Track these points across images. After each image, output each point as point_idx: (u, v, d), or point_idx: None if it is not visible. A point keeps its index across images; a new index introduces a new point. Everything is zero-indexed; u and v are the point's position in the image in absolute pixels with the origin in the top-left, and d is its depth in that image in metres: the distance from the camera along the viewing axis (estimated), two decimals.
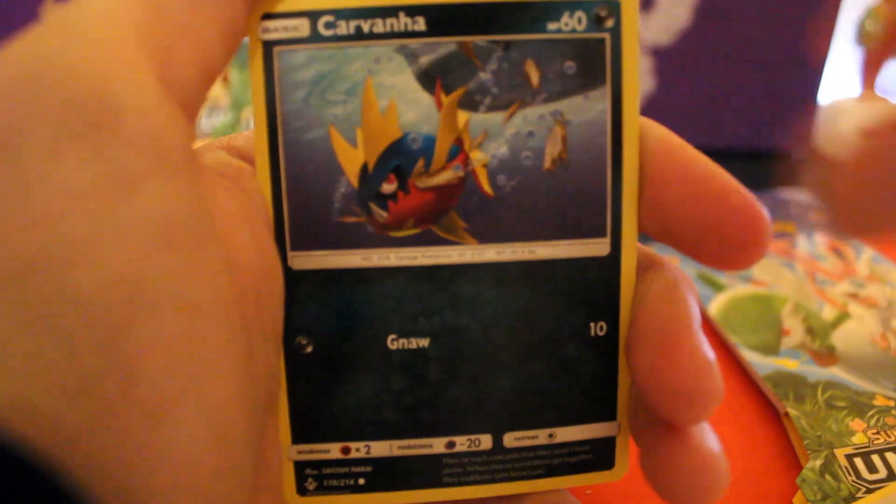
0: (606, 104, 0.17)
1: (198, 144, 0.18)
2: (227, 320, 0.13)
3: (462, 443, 0.18)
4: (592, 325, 0.18)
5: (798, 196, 0.45)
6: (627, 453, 0.18)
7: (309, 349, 0.17)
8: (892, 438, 0.25)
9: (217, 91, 0.47)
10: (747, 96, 0.51)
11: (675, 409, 0.16)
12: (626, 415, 0.18)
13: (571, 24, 0.16)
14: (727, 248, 0.16)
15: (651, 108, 0.49)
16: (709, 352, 0.16)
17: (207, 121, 0.47)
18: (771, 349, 0.31)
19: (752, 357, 0.30)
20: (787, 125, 0.54)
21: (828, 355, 0.30)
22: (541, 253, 0.17)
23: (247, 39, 0.16)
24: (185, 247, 0.13)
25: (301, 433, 0.17)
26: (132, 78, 0.12)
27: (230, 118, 0.48)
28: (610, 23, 0.16)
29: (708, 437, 0.16)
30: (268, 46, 0.16)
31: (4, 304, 0.11)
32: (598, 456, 0.18)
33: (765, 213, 0.16)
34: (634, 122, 0.17)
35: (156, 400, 0.12)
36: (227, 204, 0.15)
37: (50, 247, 0.11)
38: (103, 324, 0.11)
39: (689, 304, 0.16)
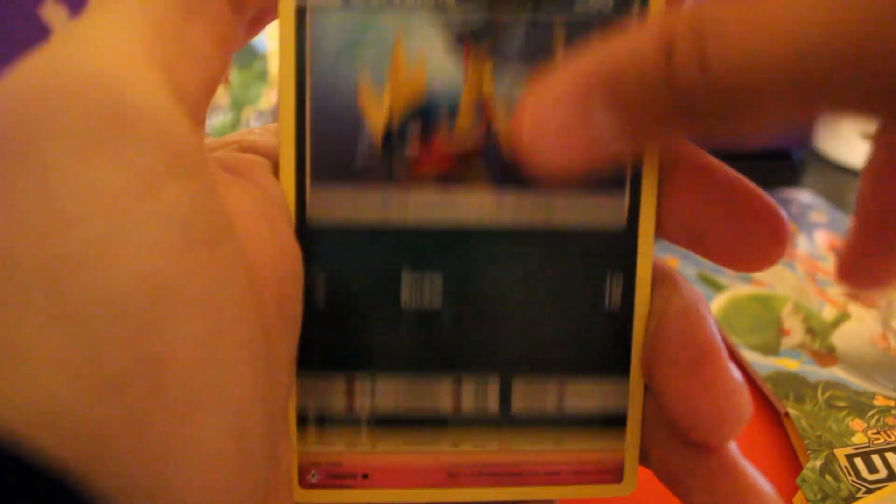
0: None
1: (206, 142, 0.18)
2: (247, 319, 0.13)
3: (469, 386, 0.18)
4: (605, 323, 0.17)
5: (798, 196, 0.45)
6: (637, 468, 0.18)
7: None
8: (892, 438, 0.25)
9: (217, 91, 0.47)
10: None
11: (708, 431, 0.16)
12: (637, 425, 0.18)
13: (599, 3, 0.16)
14: (750, 252, 0.16)
15: None
16: (737, 373, 0.16)
17: (207, 121, 0.47)
18: (771, 349, 0.31)
19: (752, 357, 0.30)
20: (788, 125, 0.54)
21: (828, 355, 0.30)
22: (559, 212, 0.17)
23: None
24: (205, 247, 0.13)
25: (305, 438, 0.17)
26: (146, 85, 0.13)
27: (230, 118, 0.48)
28: (637, 4, 0.16)
29: (745, 462, 0.17)
30: (300, 12, 0.16)
31: (30, 303, 0.11)
32: (607, 466, 0.18)
33: (785, 216, 0.17)
34: None
35: (183, 399, 0.12)
36: (243, 202, 0.15)
37: (76, 247, 0.11)
38: (131, 323, 0.11)
39: (712, 325, 0.17)
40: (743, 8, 0.12)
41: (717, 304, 0.34)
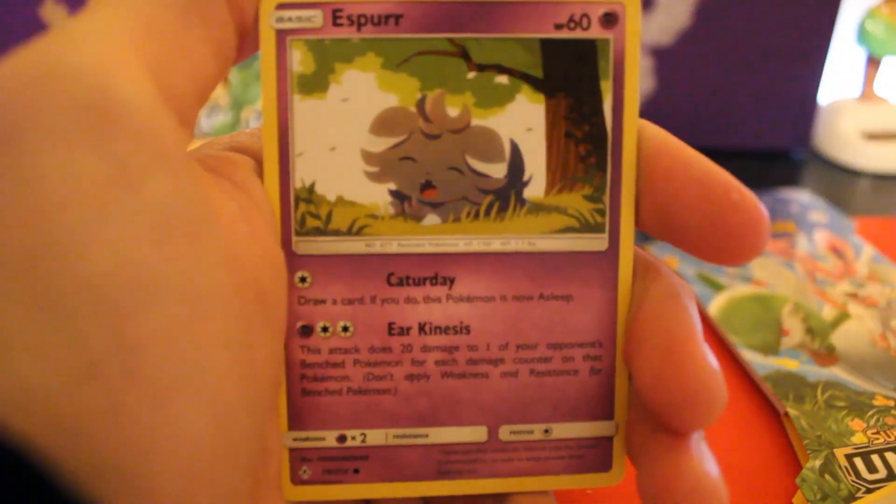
0: (608, 104, 0.17)
1: (198, 143, 0.18)
2: (226, 311, 0.14)
3: (457, 434, 0.18)
4: (590, 322, 0.18)
5: (798, 196, 0.45)
6: (625, 457, 0.18)
7: (310, 336, 0.17)
8: (892, 438, 0.25)
9: (217, 91, 0.47)
10: (747, 96, 0.51)
11: (680, 415, 0.16)
12: (624, 417, 0.18)
13: (576, 24, 0.17)
14: (727, 244, 0.16)
15: (651, 109, 0.49)
16: (713, 359, 0.16)
17: (207, 121, 0.47)
18: (771, 349, 0.31)
19: (751, 357, 0.30)
20: (788, 125, 0.54)
21: (827, 355, 0.30)
22: (541, 245, 0.17)
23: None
24: (186, 239, 0.13)
25: (297, 420, 0.18)
26: (132, 82, 0.13)
27: (230, 118, 0.48)
28: (614, 25, 0.17)
29: (709, 459, 0.16)
30: (281, 35, 0.16)
31: (11, 291, 0.11)
32: (595, 456, 0.18)
33: (763, 209, 0.16)
34: (634, 123, 0.17)
35: (160, 385, 0.12)
36: (224, 200, 0.15)
37: (57, 235, 0.12)
38: (109, 309, 0.12)
39: (692, 311, 0.17)
40: None
41: (716, 304, 0.34)
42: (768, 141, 0.53)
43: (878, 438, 0.25)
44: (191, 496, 0.13)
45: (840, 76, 0.60)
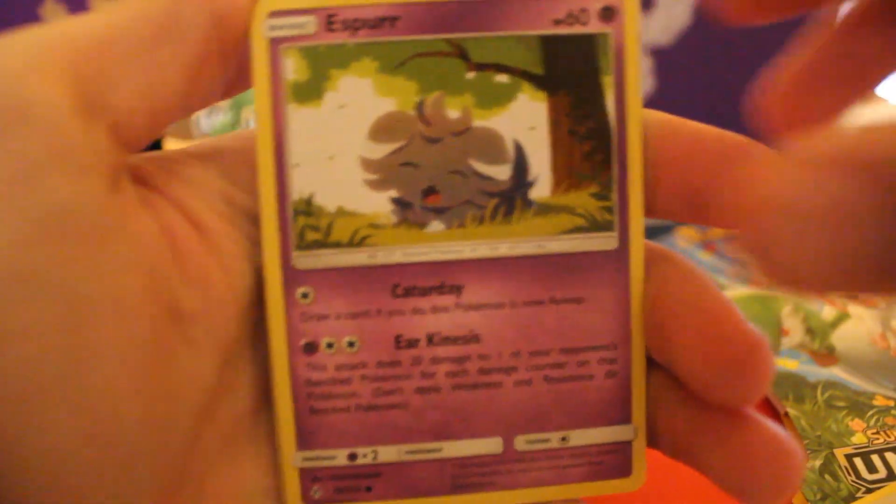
0: (610, 99, 0.17)
1: (196, 143, 0.18)
2: (130, 320, 0.13)
3: (472, 446, 0.17)
4: (603, 324, 0.17)
5: None
6: (645, 461, 0.18)
7: (315, 353, 0.17)
8: (892, 438, 0.25)
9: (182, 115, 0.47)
10: (747, 96, 0.51)
11: (730, 389, 0.15)
12: (642, 420, 0.18)
13: (575, 19, 0.16)
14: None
15: (650, 109, 0.49)
16: (757, 330, 0.15)
17: (207, 121, 0.47)
18: (771, 349, 0.31)
19: None
20: None
21: (827, 355, 0.30)
22: (549, 247, 0.17)
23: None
24: (81, 242, 0.13)
25: (306, 439, 0.17)
26: (47, 89, 0.13)
27: (230, 118, 0.48)
28: (613, 18, 0.16)
29: (773, 424, 0.16)
30: (274, 44, 0.16)
31: None
32: (615, 462, 0.18)
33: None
34: (638, 117, 0.17)
35: (26, 388, 0.12)
36: (143, 212, 0.15)
37: None
38: None
39: (717, 288, 0.16)
40: None
41: None
42: (768, 141, 0.53)
43: (878, 438, 0.25)
44: None
45: None
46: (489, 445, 0.17)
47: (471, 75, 0.16)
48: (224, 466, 0.16)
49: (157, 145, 0.55)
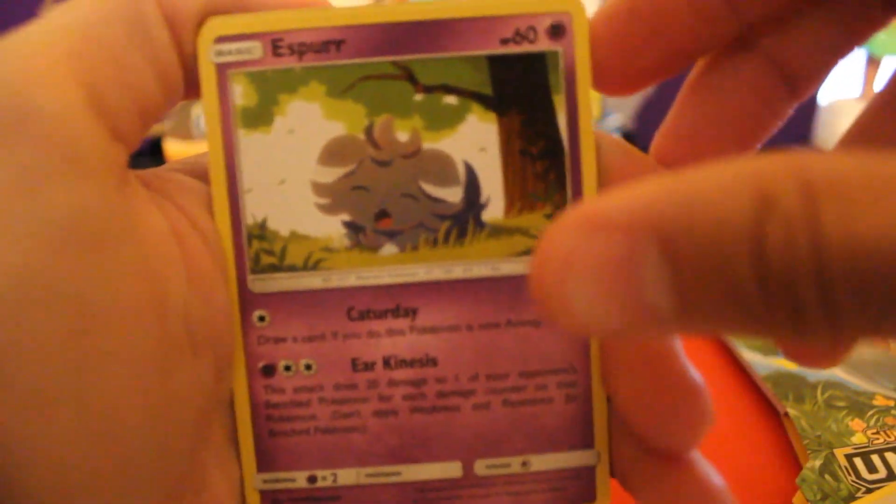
0: (562, 118, 0.17)
1: (198, 144, 0.18)
2: (135, 328, 0.14)
3: (431, 470, 0.17)
4: (561, 347, 0.17)
5: None
6: (609, 486, 0.18)
7: (273, 376, 0.17)
8: (892, 438, 0.25)
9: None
10: None
11: (668, 435, 0.15)
12: (605, 444, 0.17)
13: (523, 38, 0.16)
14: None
15: (651, 110, 0.49)
16: (696, 375, 0.15)
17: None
18: (771, 349, 0.31)
19: (752, 357, 0.30)
20: (788, 125, 0.54)
21: None
22: (504, 269, 0.17)
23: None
24: (91, 249, 0.13)
25: (266, 461, 0.17)
26: (56, 92, 0.13)
27: None
28: (563, 36, 0.16)
29: (710, 471, 0.16)
30: (221, 69, 0.16)
31: None
32: (578, 488, 0.18)
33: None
34: (590, 135, 0.17)
35: (38, 396, 0.12)
36: (154, 217, 0.15)
37: None
38: None
39: None
40: (873, 166, 0.09)
41: None
42: (768, 141, 0.53)
43: (878, 438, 0.25)
44: None
45: (840, 76, 0.60)
46: (448, 470, 0.17)
47: (419, 97, 0.16)
48: (218, 473, 0.17)
49: (156, 144, 0.55)
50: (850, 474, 0.24)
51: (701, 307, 0.10)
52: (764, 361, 0.30)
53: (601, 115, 0.56)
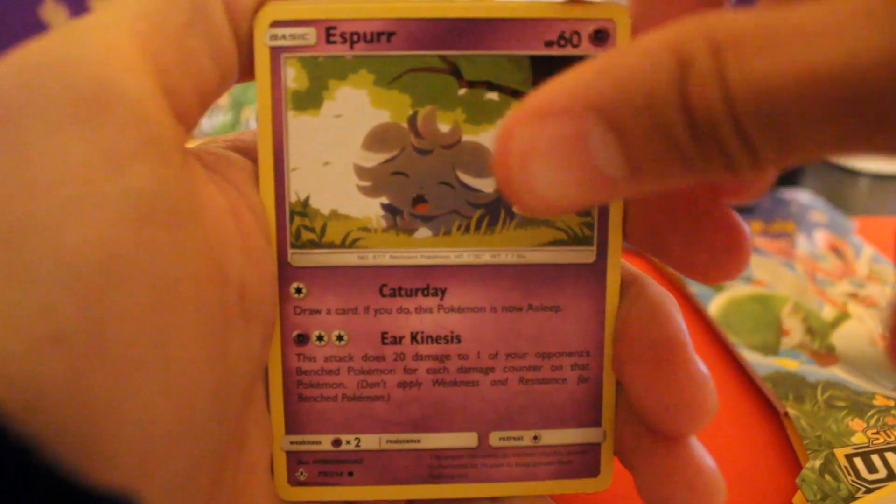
0: None
1: (198, 142, 0.18)
2: (201, 299, 0.14)
3: (449, 440, 0.18)
4: (578, 332, 0.18)
5: (798, 196, 0.45)
6: (612, 463, 0.19)
7: (306, 344, 0.18)
8: (892, 438, 0.25)
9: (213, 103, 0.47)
10: None
11: (673, 422, 0.16)
12: (611, 424, 0.19)
13: (566, 41, 0.17)
14: (710, 263, 0.17)
15: None
16: (703, 367, 0.17)
17: (207, 121, 0.47)
18: (771, 349, 0.31)
19: (752, 357, 0.30)
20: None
21: (827, 355, 0.30)
22: (530, 258, 0.18)
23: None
24: (165, 227, 0.14)
25: (294, 424, 0.18)
26: (129, 74, 0.14)
27: (230, 118, 0.48)
28: (605, 42, 0.17)
29: (704, 454, 0.17)
30: (275, 52, 0.17)
31: None
32: (583, 462, 0.19)
33: (745, 227, 0.17)
34: None
35: (123, 362, 0.13)
36: (214, 195, 0.16)
37: (39, 212, 0.12)
38: (80, 286, 0.12)
39: (679, 321, 0.17)
40: (768, 18, 0.10)
41: (716, 304, 0.34)
42: None
43: (878, 438, 0.25)
44: (147, 468, 0.13)
45: None
46: (465, 439, 0.18)
47: (462, 91, 0.17)
48: (256, 433, 0.18)
49: None
50: (850, 474, 0.24)
51: (647, 163, 0.11)
52: (764, 361, 0.30)
53: None
